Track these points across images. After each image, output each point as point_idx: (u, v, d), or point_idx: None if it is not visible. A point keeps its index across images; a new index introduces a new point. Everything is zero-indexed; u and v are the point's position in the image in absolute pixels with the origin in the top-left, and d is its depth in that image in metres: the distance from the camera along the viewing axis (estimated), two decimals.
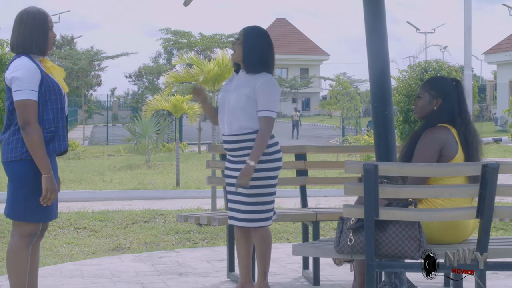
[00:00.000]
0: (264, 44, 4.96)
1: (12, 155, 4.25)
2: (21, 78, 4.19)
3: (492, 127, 38.34)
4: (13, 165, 4.26)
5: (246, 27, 5.02)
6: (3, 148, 4.30)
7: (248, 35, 4.96)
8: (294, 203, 10.30)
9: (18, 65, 4.23)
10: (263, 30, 5.05)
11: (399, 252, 4.10)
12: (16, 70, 4.22)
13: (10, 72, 4.24)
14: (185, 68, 10.56)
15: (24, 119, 4.18)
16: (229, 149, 4.98)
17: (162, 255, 7.04)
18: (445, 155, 4.43)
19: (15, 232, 4.34)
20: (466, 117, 4.58)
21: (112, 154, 22.83)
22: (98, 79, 43.72)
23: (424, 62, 13.89)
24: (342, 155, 17.14)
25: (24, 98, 4.19)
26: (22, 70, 4.21)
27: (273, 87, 4.89)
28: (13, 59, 4.31)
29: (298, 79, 63.91)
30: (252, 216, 4.89)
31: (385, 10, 4.96)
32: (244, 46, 4.94)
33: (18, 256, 4.31)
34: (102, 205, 11.37)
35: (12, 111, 4.27)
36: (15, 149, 4.24)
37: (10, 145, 4.26)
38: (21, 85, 4.19)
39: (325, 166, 7.45)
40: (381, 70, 4.94)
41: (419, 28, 48.08)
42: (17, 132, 4.25)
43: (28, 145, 4.20)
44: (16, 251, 4.31)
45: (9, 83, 4.25)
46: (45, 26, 4.33)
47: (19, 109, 4.20)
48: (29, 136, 4.18)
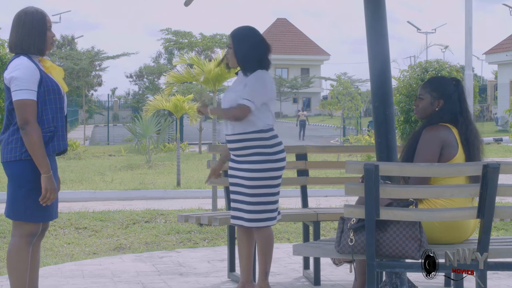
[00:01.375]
0: (254, 44, 4.96)
1: (12, 155, 4.25)
2: (20, 77, 4.19)
3: (493, 127, 38.34)
4: (12, 165, 4.26)
5: (233, 31, 5.04)
6: (3, 148, 4.30)
7: (236, 39, 4.98)
8: (294, 203, 10.31)
9: (17, 65, 4.23)
10: (250, 29, 5.03)
11: (399, 252, 4.10)
12: (15, 70, 4.22)
13: (9, 72, 4.24)
14: (186, 68, 10.56)
15: (23, 119, 4.18)
16: (232, 149, 4.98)
17: (162, 255, 7.04)
18: (444, 154, 4.42)
19: (15, 232, 4.34)
20: (467, 116, 4.58)
21: (113, 154, 22.83)
22: (99, 79, 43.72)
23: (425, 62, 13.88)
24: (342, 155, 17.13)
25: (23, 97, 4.19)
26: (21, 69, 4.21)
27: (260, 80, 4.89)
28: (12, 59, 4.31)
29: (299, 79, 63.95)
30: (256, 216, 4.89)
31: (386, 10, 4.96)
32: (236, 52, 4.96)
33: (19, 256, 4.31)
34: (103, 205, 11.37)
35: (12, 111, 4.27)
36: (14, 149, 4.24)
37: (10, 145, 4.26)
38: (20, 85, 4.19)
39: (325, 166, 7.45)
40: (382, 70, 4.94)
41: (420, 28, 48.10)
42: (16, 132, 4.25)
43: (27, 145, 4.19)
44: (17, 251, 4.31)
45: (8, 83, 4.25)
46: (43, 26, 4.33)
47: (18, 109, 4.20)
48: (28, 135, 4.18)
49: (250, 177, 4.87)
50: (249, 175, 4.88)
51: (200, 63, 10.06)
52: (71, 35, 52.23)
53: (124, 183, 14.53)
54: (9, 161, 4.26)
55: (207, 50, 31.08)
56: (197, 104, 5.05)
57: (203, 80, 10.02)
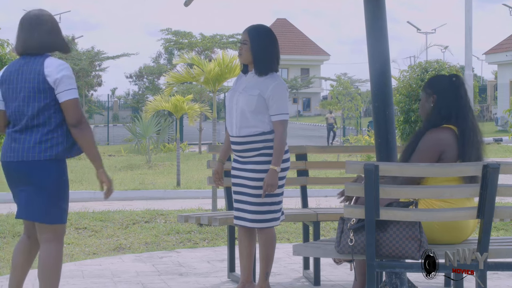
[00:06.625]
0: (270, 43, 4.95)
1: (47, 154, 4.15)
2: (70, 76, 4.18)
3: (493, 127, 38.34)
4: (47, 164, 4.16)
5: (249, 28, 4.99)
6: (31, 147, 4.15)
7: (254, 37, 4.93)
8: (294, 203, 10.30)
9: (61, 64, 4.19)
10: (266, 28, 5.03)
11: (399, 252, 4.10)
12: (63, 69, 4.17)
13: (57, 72, 4.16)
14: (186, 68, 10.56)
15: (78, 118, 4.17)
16: (237, 150, 4.97)
17: (162, 255, 7.04)
18: (444, 160, 4.39)
19: (50, 237, 4.21)
20: (464, 111, 4.50)
21: (113, 154, 22.83)
22: (98, 79, 43.72)
23: (425, 62, 13.89)
24: (342, 155, 17.13)
25: (76, 96, 4.19)
26: (68, 69, 4.19)
27: (284, 90, 4.92)
28: (43, 58, 4.21)
29: (298, 79, 63.91)
30: (259, 216, 4.88)
31: (386, 10, 4.96)
32: (252, 49, 4.92)
33: (60, 261, 4.24)
34: (103, 205, 11.36)
35: (45, 111, 4.16)
36: (50, 148, 4.17)
37: (44, 144, 4.15)
38: (72, 83, 4.18)
39: (325, 166, 7.46)
40: (382, 70, 4.94)
41: (419, 28, 48.13)
42: (53, 131, 4.17)
43: (84, 143, 4.21)
44: (58, 254, 4.22)
45: (53, 82, 4.15)
46: (59, 27, 4.35)
47: (72, 108, 4.16)
48: (85, 133, 4.20)
49: (254, 178, 4.87)
50: (253, 176, 4.87)
51: (200, 63, 10.07)
52: (71, 35, 52.22)
53: (124, 183, 14.53)
54: (48, 159, 4.15)
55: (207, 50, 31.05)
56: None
57: (203, 80, 10.03)
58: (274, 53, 4.97)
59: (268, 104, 4.86)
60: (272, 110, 4.86)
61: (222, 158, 5.25)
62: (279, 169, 4.81)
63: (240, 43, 5.03)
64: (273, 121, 4.87)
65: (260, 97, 4.85)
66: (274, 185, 4.78)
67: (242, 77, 5.06)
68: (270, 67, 4.94)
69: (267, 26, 5.05)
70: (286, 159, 4.94)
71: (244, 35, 4.98)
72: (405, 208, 4.11)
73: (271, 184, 4.78)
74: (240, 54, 4.99)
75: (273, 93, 4.86)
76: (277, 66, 4.99)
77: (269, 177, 4.78)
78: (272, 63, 4.94)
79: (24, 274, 4.39)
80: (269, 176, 4.78)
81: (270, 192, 4.79)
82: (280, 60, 5.02)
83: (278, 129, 4.85)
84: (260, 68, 4.92)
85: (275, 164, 4.80)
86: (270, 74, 4.93)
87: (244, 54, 4.95)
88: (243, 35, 4.99)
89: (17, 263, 4.37)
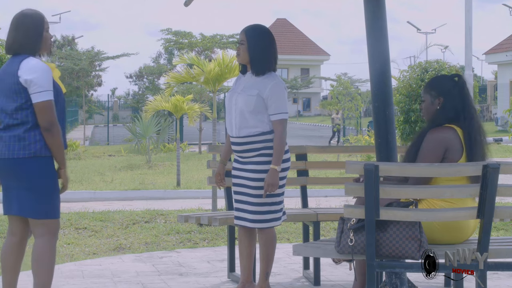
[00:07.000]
0: (267, 43, 4.95)
1: (28, 152, 4.22)
2: (42, 79, 4.19)
3: (493, 127, 38.31)
4: (32, 161, 4.22)
5: (246, 28, 4.99)
6: (12, 144, 4.23)
7: (251, 37, 4.94)
8: (294, 203, 10.30)
9: (35, 66, 4.21)
10: (263, 28, 5.03)
11: (399, 252, 4.10)
12: (36, 71, 4.19)
13: (29, 73, 4.19)
14: (186, 68, 10.56)
15: (49, 121, 4.20)
16: (237, 151, 4.97)
17: (162, 255, 7.04)
18: (448, 158, 4.39)
19: (43, 231, 4.29)
20: (470, 112, 4.52)
21: (113, 155, 22.82)
22: (98, 79, 43.65)
23: (425, 62, 13.89)
24: (342, 155, 17.13)
25: (48, 99, 4.20)
26: (41, 71, 4.20)
27: (282, 89, 4.91)
28: (22, 59, 4.25)
29: (298, 79, 63.88)
30: (260, 216, 4.88)
31: (386, 10, 4.96)
32: (249, 49, 4.92)
33: (53, 255, 4.31)
34: (103, 205, 11.37)
35: (21, 110, 4.22)
36: (29, 146, 4.23)
37: (23, 142, 4.22)
38: (44, 86, 4.19)
39: (325, 166, 7.46)
40: (382, 70, 4.94)
41: (419, 28, 48.08)
42: (30, 130, 4.23)
43: (53, 145, 4.24)
44: (51, 249, 4.30)
45: (25, 83, 4.19)
46: (40, 28, 4.33)
47: (44, 110, 4.19)
48: (55, 136, 4.23)
49: (255, 178, 4.87)
50: (254, 176, 4.87)
51: (200, 63, 10.06)
52: (71, 35, 52.21)
53: (124, 183, 14.53)
54: (28, 157, 4.21)
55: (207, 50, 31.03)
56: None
57: (203, 81, 10.03)
58: (272, 52, 4.97)
59: (267, 104, 4.86)
60: (271, 109, 4.86)
61: (224, 159, 5.25)
62: (280, 169, 4.81)
63: (237, 44, 5.03)
64: (272, 120, 4.87)
65: (259, 97, 4.85)
66: (275, 184, 4.78)
67: (241, 77, 5.07)
68: (268, 66, 4.94)
69: (264, 26, 5.05)
70: (287, 159, 4.94)
71: (241, 36, 4.99)
72: (405, 208, 4.12)
73: (272, 184, 4.78)
74: (238, 55, 4.99)
75: (272, 92, 4.86)
76: (275, 66, 4.99)
77: (269, 176, 4.78)
78: (269, 62, 4.94)
79: (16, 274, 4.44)
80: (270, 175, 4.78)
81: (271, 192, 4.79)
82: (278, 59, 5.02)
83: (278, 128, 4.86)
84: (258, 68, 4.92)
85: (276, 164, 4.80)
86: (268, 73, 4.93)
87: (242, 55, 4.96)
88: (240, 35, 4.99)
89: (6, 265, 4.43)
